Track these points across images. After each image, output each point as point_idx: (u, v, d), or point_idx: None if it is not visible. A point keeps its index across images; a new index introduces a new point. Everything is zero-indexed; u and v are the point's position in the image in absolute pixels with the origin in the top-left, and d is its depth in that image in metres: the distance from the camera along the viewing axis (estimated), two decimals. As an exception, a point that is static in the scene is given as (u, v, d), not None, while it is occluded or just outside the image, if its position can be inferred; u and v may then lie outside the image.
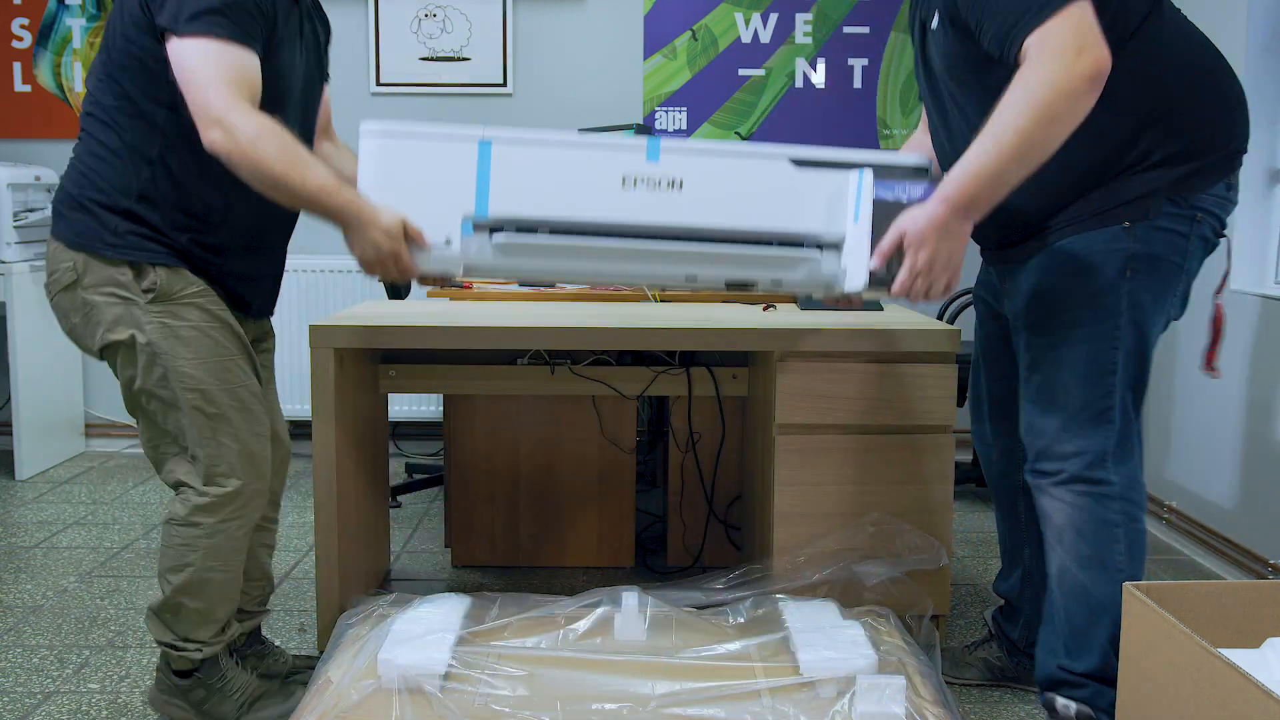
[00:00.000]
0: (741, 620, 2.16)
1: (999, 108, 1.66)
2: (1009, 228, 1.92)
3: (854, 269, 1.82)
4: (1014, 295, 1.95)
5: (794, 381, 2.32)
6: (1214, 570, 2.99)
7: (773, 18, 4.14)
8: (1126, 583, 1.64)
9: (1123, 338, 1.83)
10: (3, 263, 3.73)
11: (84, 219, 1.85)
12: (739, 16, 4.14)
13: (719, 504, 2.94)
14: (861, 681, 1.83)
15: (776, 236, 1.86)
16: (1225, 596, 1.69)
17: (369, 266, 1.83)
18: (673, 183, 1.82)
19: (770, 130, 4.17)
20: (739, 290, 1.94)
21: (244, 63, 1.74)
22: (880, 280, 1.76)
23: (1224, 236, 1.90)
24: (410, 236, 1.80)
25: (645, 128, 2.94)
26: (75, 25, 4.09)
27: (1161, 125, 1.81)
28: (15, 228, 3.75)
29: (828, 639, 1.97)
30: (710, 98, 4.17)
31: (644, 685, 1.88)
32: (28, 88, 4.13)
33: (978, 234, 1.95)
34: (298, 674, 2.24)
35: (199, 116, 1.73)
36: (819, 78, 4.17)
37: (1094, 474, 1.85)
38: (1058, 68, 1.60)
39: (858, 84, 4.16)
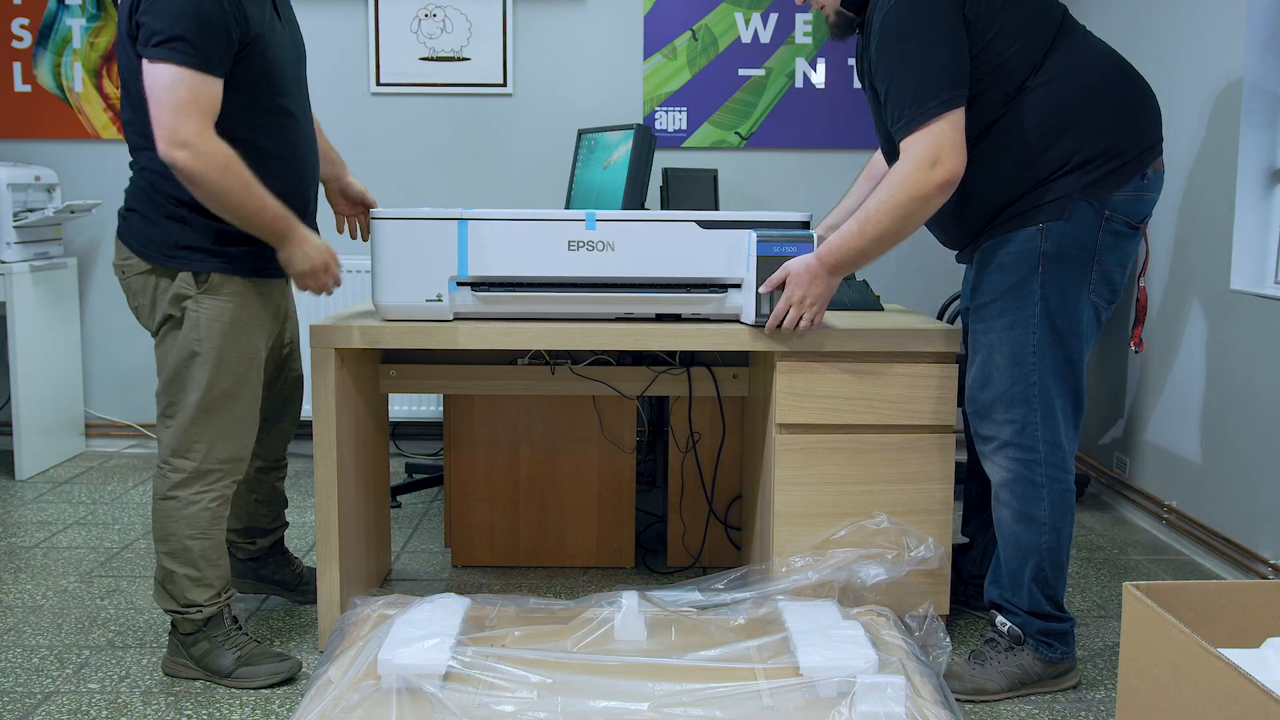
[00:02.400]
0: (741, 621, 2.16)
1: (873, 195, 2.12)
2: (962, 232, 2.28)
3: (747, 306, 2.30)
4: (966, 286, 2.34)
5: (794, 381, 2.32)
6: (1214, 570, 2.99)
7: (773, 18, 4.14)
8: (1126, 583, 1.66)
9: (1038, 328, 2.15)
10: (3, 263, 3.73)
11: (147, 229, 2.13)
12: (739, 16, 4.14)
13: (719, 504, 2.94)
14: (861, 681, 1.84)
15: (689, 282, 2.33)
16: (1225, 596, 1.70)
17: (303, 278, 2.19)
18: (607, 244, 2.29)
19: (770, 130, 4.17)
20: (670, 321, 2.36)
21: (208, 90, 1.97)
22: (766, 316, 2.25)
23: (1138, 228, 2.18)
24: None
25: (645, 128, 2.93)
26: (75, 25, 4.09)
27: (1073, 135, 2.12)
28: (15, 227, 3.75)
29: (828, 639, 1.97)
30: (710, 98, 4.17)
31: (644, 686, 1.88)
32: (28, 88, 4.13)
33: (945, 241, 2.37)
34: (308, 583, 2.62)
35: (164, 136, 1.95)
36: (819, 78, 4.17)
37: (1021, 442, 2.18)
38: (915, 177, 2.05)
39: (857, 84, 4.16)
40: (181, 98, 1.93)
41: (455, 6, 4.11)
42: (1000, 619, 2.27)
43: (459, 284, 2.32)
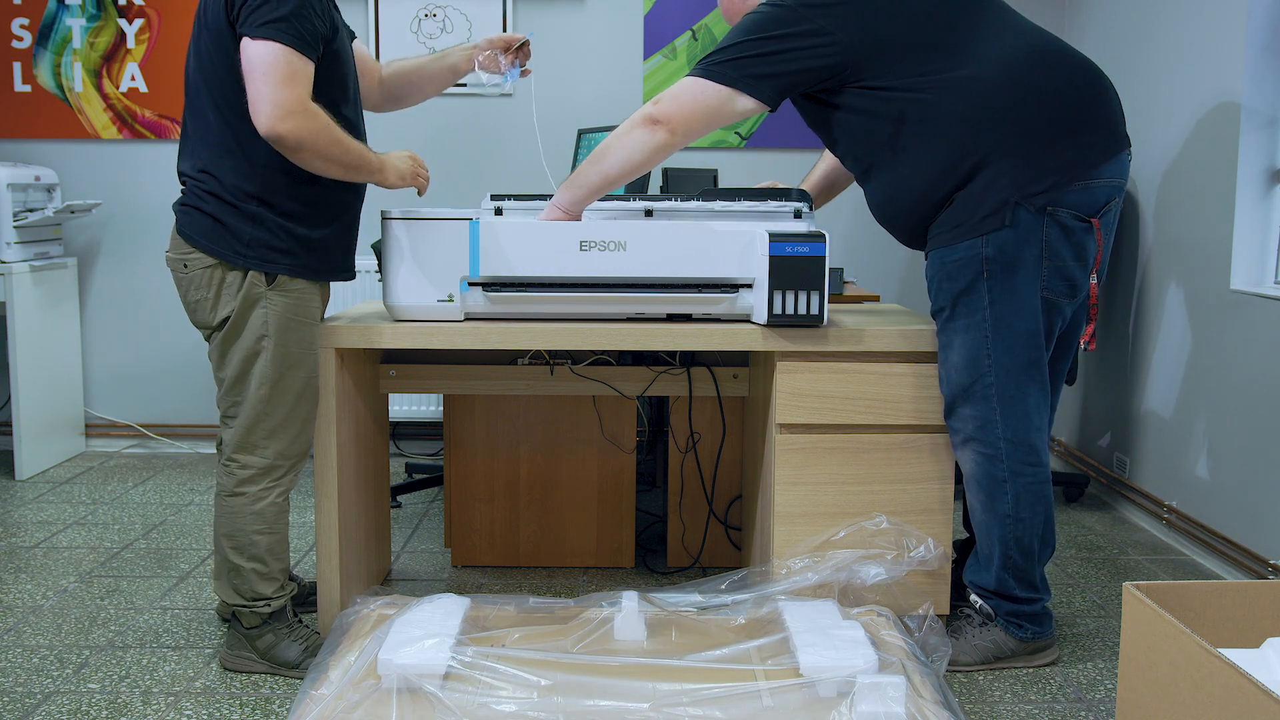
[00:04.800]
0: (742, 621, 2.16)
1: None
2: (910, 225, 2.31)
3: (759, 306, 2.29)
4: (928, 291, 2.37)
5: (794, 381, 2.32)
6: (1214, 570, 2.99)
7: (773, 18, 4.14)
8: (1126, 583, 1.65)
9: (989, 330, 2.20)
10: (3, 263, 3.73)
11: (218, 226, 2.16)
12: (739, 16, 4.13)
13: (719, 504, 2.94)
14: (861, 681, 1.84)
15: (701, 282, 2.32)
16: (1225, 596, 1.70)
17: (403, 179, 2.31)
18: (619, 245, 2.27)
19: (770, 130, 4.17)
20: (680, 321, 2.36)
21: (306, 69, 2.09)
22: (778, 315, 2.23)
23: (1089, 221, 2.18)
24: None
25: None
26: (75, 25, 4.09)
27: (995, 125, 2.13)
28: (15, 228, 3.75)
29: (828, 639, 1.97)
30: (710, 98, 4.16)
31: (644, 686, 1.88)
32: (28, 88, 4.13)
33: (902, 238, 2.38)
34: (313, 596, 2.56)
35: (268, 109, 2.02)
36: (819, 78, 4.16)
37: (983, 438, 2.24)
38: (643, 127, 2.21)
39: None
40: (284, 72, 2.03)
41: (455, 6, 4.11)
42: (974, 596, 2.37)
43: (470, 284, 2.31)
